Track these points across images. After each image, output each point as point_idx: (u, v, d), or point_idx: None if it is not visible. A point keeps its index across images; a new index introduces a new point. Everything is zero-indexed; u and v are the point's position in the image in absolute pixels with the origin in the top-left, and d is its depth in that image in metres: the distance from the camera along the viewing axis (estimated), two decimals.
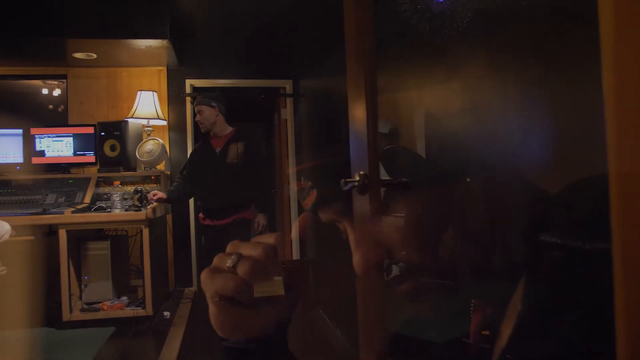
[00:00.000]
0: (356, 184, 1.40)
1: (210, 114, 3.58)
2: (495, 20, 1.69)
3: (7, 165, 4.27)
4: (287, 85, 5.28)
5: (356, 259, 0.77)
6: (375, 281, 1.59)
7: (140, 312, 3.62)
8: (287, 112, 5.34)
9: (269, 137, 7.68)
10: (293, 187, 5.25)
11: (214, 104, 3.59)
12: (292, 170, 5.24)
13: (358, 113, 1.57)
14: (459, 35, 1.87)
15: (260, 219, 3.51)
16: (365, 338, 1.78)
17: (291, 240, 5.26)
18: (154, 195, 3.56)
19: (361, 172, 1.37)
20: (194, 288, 4.74)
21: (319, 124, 4.27)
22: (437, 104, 2.22)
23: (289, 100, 5.30)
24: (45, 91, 5.52)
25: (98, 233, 4.03)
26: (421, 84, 2.35)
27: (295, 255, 5.21)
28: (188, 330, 3.63)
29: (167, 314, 3.89)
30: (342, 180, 1.51)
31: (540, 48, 1.42)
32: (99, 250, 3.78)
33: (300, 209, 5.16)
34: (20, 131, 4.27)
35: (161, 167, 4.57)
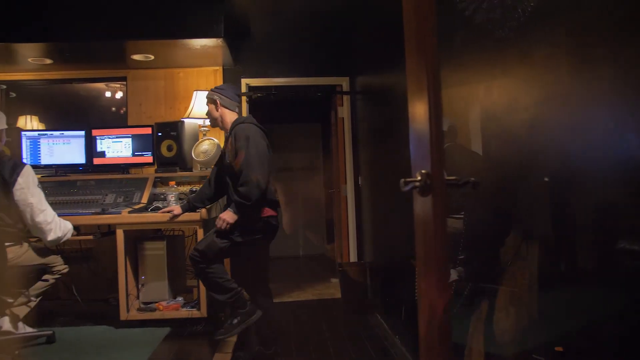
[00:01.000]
0: (417, 184, 1.24)
1: (212, 110, 3.13)
2: (568, 6, 1.48)
3: (71, 166, 4.38)
4: (344, 82, 5.14)
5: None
6: (440, 289, 1.44)
7: (195, 313, 3.59)
8: (344, 111, 5.20)
9: (325, 136, 7.57)
10: (350, 186, 5.10)
11: (214, 97, 3.11)
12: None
13: (419, 108, 1.42)
14: (522, 26, 1.68)
15: (226, 216, 2.88)
16: (427, 349, 1.62)
17: (348, 241, 5.12)
18: (170, 211, 3.42)
19: (423, 171, 1.21)
20: None
21: (376, 121, 4.10)
22: (497, 99, 2.03)
23: (345, 98, 5.16)
24: (108, 94, 5.65)
25: (155, 233, 4.04)
26: (479, 79, 2.16)
27: (353, 257, 5.06)
28: (242, 333, 3.56)
29: (221, 315, 3.84)
30: (402, 180, 1.37)
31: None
32: (156, 250, 3.78)
33: (359, 209, 5.01)
34: (82, 133, 4.36)
35: None
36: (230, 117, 3.13)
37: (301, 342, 3.58)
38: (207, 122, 4.47)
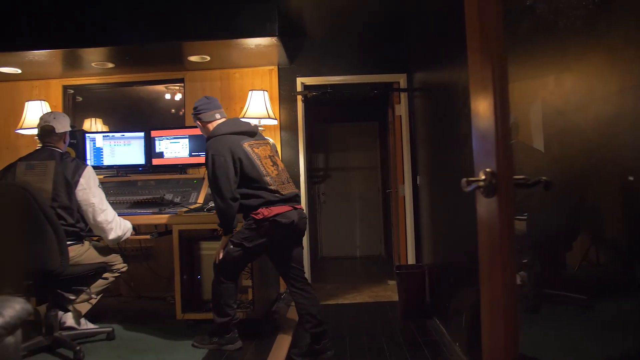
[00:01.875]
0: (481, 183, 1.12)
1: (201, 131, 3.32)
2: None
3: (131, 167, 4.49)
4: (401, 79, 5.00)
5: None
6: (506, 297, 1.31)
7: (249, 313, 3.56)
8: (401, 108, 5.05)
9: (382, 135, 7.44)
10: (408, 186, 4.95)
11: (194, 120, 3.29)
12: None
13: (483, 102, 1.30)
14: (587, 16, 1.52)
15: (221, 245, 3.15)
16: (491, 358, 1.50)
17: (406, 243, 4.98)
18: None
19: (487, 170, 1.09)
20: None
21: (436, 119, 3.94)
22: (567, 91, 1.85)
23: (403, 95, 5.02)
24: (167, 96, 5.77)
25: (211, 233, 4.06)
26: (543, 71, 1.99)
27: (411, 259, 4.91)
28: (296, 334, 3.51)
29: (276, 316, 3.81)
30: (464, 179, 1.25)
31: None
32: (211, 250, 3.78)
33: (417, 210, 4.85)
34: (142, 134, 4.46)
35: None
36: (211, 128, 3.21)
37: (356, 346, 3.48)
38: (263, 121, 4.49)
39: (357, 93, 5.22)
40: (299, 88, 4.93)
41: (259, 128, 4.45)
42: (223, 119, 3.25)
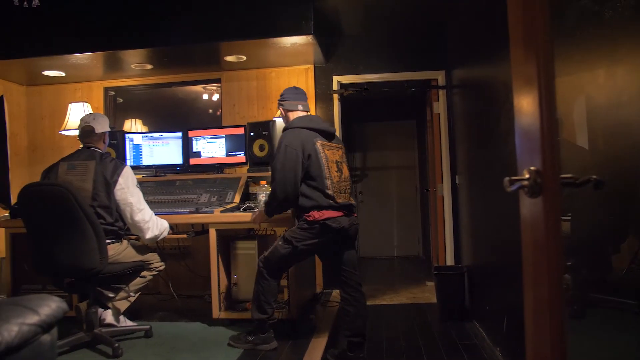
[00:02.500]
0: (525, 183, 1.06)
1: (282, 119, 3.36)
2: None
3: (169, 166, 4.54)
4: (440, 76, 4.89)
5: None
6: (552, 302, 1.24)
7: (284, 314, 3.55)
8: (439, 106, 4.95)
9: (420, 134, 7.32)
10: (447, 185, 4.84)
11: (279, 107, 3.34)
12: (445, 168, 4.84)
13: (526, 98, 1.23)
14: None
15: (256, 213, 3.42)
16: None
17: (445, 243, 4.87)
18: None
19: (532, 169, 1.03)
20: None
21: (476, 116, 3.84)
22: (609, 88, 1.75)
23: (441, 93, 4.91)
24: (205, 96, 5.83)
25: (247, 232, 4.07)
26: (585, 66, 1.89)
27: (450, 260, 4.80)
28: (332, 336, 3.48)
29: (312, 317, 3.79)
30: (506, 179, 1.18)
31: None
32: (247, 250, 3.80)
33: (456, 210, 4.74)
34: (180, 134, 4.50)
35: None
36: (291, 118, 3.24)
37: (393, 348, 3.42)
38: None
39: (394, 91, 5.13)
40: (335, 87, 4.89)
41: None
42: (304, 112, 3.25)
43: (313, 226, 2.98)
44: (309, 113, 3.29)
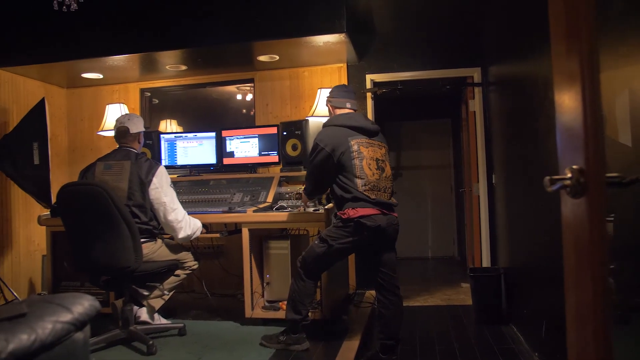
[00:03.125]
0: (567, 182, 1.00)
1: (330, 115, 3.37)
2: None
3: (203, 166, 4.59)
4: (475, 73, 4.78)
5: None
6: (596, 308, 1.17)
7: (317, 314, 3.53)
8: (475, 104, 4.84)
9: (455, 132, 7.19)
10: (483, 185, 4.73)
11: (326, 103, 3.37)
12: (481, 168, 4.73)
13: (568, 94, 1.17)
14: None
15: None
16: None
17: (480, 244, 4.76)
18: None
19: (574, 167, 0.97)
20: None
21: (513, 113, 3.73)
22: None
23: (477, 90, 4.80)
24: (239, 96, 5.86)
25: (280, 232, 4.07)
26: (628, 59, 1.80)
27: (486, 262, 4.69)
28: (365, 338, 3.44)
29: (345, 318, 3.76)
30: (547, 178, 1.13)
31: None
32: (280, 250, 3.79)
33: (492, 210, 4.63)
34: (213, 134, 4.54)
35: None
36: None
37: (426, 350, 3.36)
38: None
39: (429, 89, 5.04)
40: (368, 85, 4.84)
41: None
42: (351, 111, 3.23)
43: (347, 224, 2.93)
44: (354, 111, 3.25)
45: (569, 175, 1.02)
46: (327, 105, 3.31)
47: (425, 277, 6.21)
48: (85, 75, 4.95)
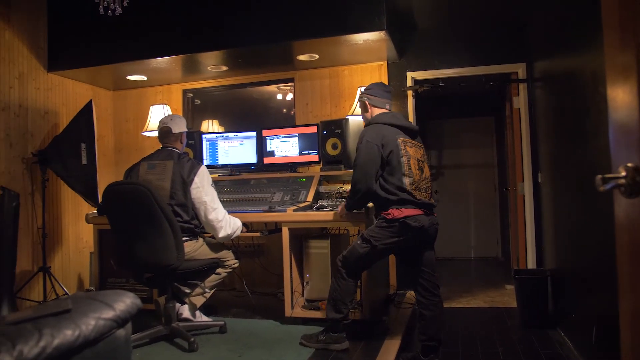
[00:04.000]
0: (621, 181, 0.94)
1: (363, 112, 3.31)
2: None
3: (244, 166, 4.63)
4: (520, 69, 4.64)
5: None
6: None
7: (357, 314, 3.50)
8: (520, 101, 4.70)
9: (499, 130, 7.01)
10: (528, 184, 4.59)
11: (363, 99, 3.25)
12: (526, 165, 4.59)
13: (622, 89, 1.11)
14: None
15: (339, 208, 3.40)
16: None
17: (525, 245, 4.62)
18: None
19: (629, 165, 0.91)
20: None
21: (560, 110, 3.60)
22: None
23: (522, 87, 4.66)
24: (279, 96, 5.89)
25: (320, 231, 4.06)
26: None
27: (531, 263, 4.55)
28: (405, 338, 3.39)
29: (385, 319, 3.72)
30: (598, 177, 1.07)
31: None
32: (320, 249, 3.78)
33: (538, 210, 4.48)
34: (254, 134, 4.58)
35: None
36: (374, 114, 3.19)
37: (469, 354, 3.29)
38: None
39: (471, 86, 4.92)
40: (409, 83, 4.78)
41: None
42: (387, 111, 3.22)
43: (392, 224, 2.91)
44: (392, 111, 3.24)
45: (623, 173, 0.96)
46: (362, 100, 3.24)
47: (468, 278, 6.09)
48: (130, 77, 5.08)
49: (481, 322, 4.04)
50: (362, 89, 3.29)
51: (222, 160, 4.67)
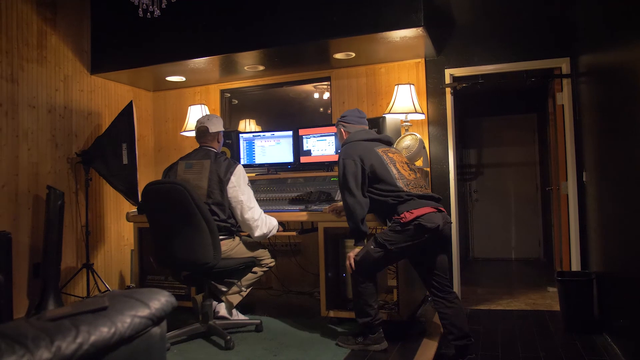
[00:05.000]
0: None
1: (340, 139, 3.41)
2: None
3: (281, 165, 4.64)
4: (564, 64, 4.48)
5: None
6: None
7: (394, 315, 3.46)
8: (563, 97, 4.54)
9: (541, 128, 6.81)
10: (572, 183, 4.43)
11: (338, 127, 3.40)
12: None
13: None
14: None
15: (350, 252, 3.10)
16: None
17: (569, 246, 4.46)
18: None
19: None
20: None
21: (607, 106, 3.46)
22: None
23: (565, 82, 4.50)
24: (316, 95, 5.89)
25: None
26: None
27: (575, 265, 4.39)
28: (443, 339, 3.32)
29: (422, 320, 3.66)
30: None
31: None
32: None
33: (582, 210, 4.32)
34: (290, 133, 4.58)
35: (419, 163, 4.37)
36: (346, 136, 3.30)
37: (509, 357, 3.20)
38: (410, 116, 4.36)
39: (512, 83, 4.79)
40: (447, 80, 4.68)
41: (406, 124, 4.35)
42: (360, 129, 3.31)
43: (406, 228, 2.88)
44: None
45: None
46: (338, 128, 3.36)
47: (508, 279, 5.94)
48: (170, 78, 5.16)
49: (522, 325, 3.93)
50: (339, 118, 3.41)
51: (258, 160, 4.69)
